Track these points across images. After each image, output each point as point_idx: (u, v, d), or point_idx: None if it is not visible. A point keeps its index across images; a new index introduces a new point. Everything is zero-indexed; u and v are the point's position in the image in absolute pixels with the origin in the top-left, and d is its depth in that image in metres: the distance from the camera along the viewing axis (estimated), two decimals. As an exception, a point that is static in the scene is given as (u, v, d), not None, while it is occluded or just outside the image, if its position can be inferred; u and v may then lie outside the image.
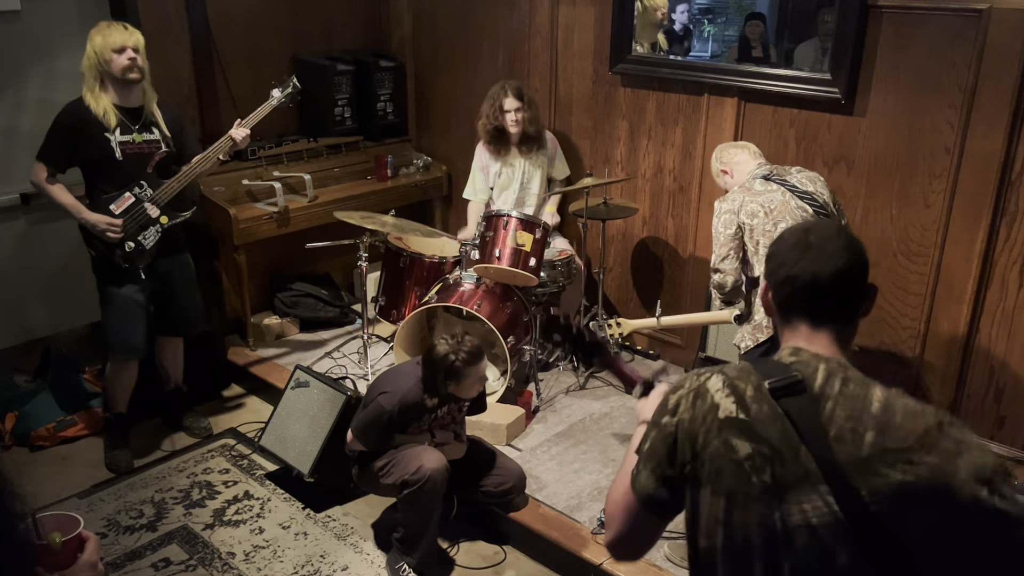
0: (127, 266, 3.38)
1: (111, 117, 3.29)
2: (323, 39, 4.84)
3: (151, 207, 3.38)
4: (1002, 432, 3.40)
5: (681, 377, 1.44)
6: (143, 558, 3.10)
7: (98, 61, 3.23)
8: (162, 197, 3.40)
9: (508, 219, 3.75)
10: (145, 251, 3.40)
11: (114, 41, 3.21)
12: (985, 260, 3.26)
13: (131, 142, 3.35)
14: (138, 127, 3.36)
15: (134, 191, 3.36)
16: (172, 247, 3.55)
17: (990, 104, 3.11)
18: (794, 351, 1.36)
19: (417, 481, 2.83)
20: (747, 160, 3.01)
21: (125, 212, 3.34)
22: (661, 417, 1.39)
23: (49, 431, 3.75)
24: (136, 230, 3.37)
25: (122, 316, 3.47)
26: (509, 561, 3.15)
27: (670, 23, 4.05)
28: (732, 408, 1.31)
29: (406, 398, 2.90)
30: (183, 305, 3.67)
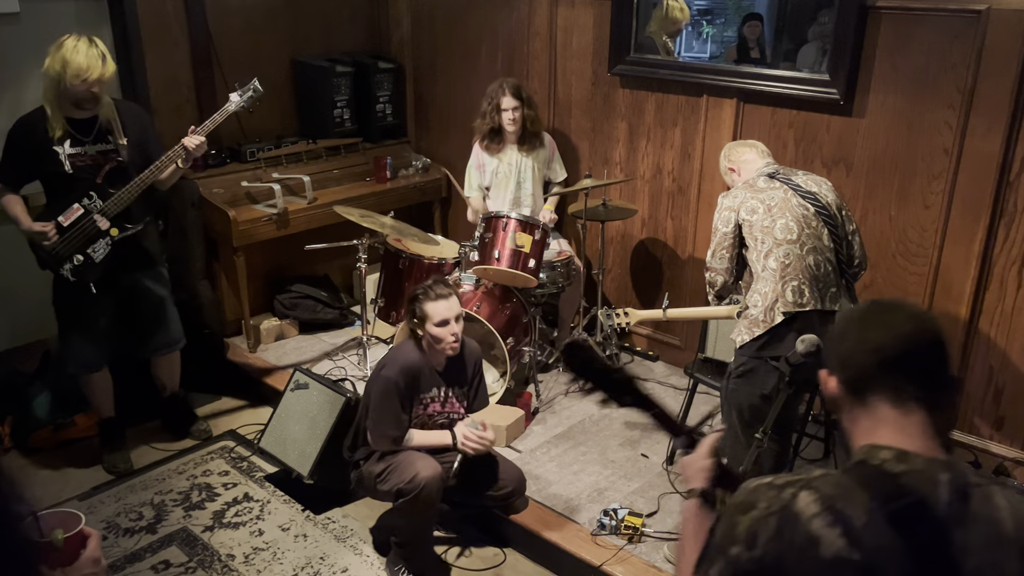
0: (75, 279, 3.26)
1: (59, 130, 3.17)
2: (322, 41, 4.84)
3: (100, 219, 3.23)
4: (1001, 432, 3.40)
5: (748, 486, 1.16)
6: (143, 560, 3.10)
7: (58, 78, 3.08)
8: (112, 208, 3.24)
9: (507, 220, 3.75)
10: (94, 264, 3.26)
11: (80, 72, 3.06)
12: (984, 261, 3.27)
13: (82, 154, 3.23)
14: (91, 138, 3.24)
15: (83, 202, 3.22)
16: (134, 261, 3.42)
17: (989, 105, 3.11)
18: (900, 455, 1.10)
19: (412, 490, 2.82)
20: (755, 159, 3.01)
21: (73, 224, 3.22)
22: (730, 545, 1.10)
23: (48, 433, 3.75)
24: (84, 243, 3.24)
25: (74, 333, 3.41)
26: (509, 563, 3.15)
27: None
28: (840, 544, 1.03)
29: (405, 361, 2.92)
30: (151, 325, 3.57)
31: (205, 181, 4.24)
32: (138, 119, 3.40)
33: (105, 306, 3.40)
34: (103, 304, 3.39)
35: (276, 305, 4.65)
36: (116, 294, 3.43)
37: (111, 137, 3.28)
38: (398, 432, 2.95)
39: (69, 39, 3.09)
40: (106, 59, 3.12)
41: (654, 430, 3.71)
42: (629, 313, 3.54)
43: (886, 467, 1.10)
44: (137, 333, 3.58)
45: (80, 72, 3.06)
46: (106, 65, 3.11)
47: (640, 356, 4.43)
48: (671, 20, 4.04)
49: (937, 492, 1.07)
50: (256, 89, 3.47)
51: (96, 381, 3.59)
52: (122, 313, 3.49)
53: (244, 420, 4.04)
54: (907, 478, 1.08)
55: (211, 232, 4.28)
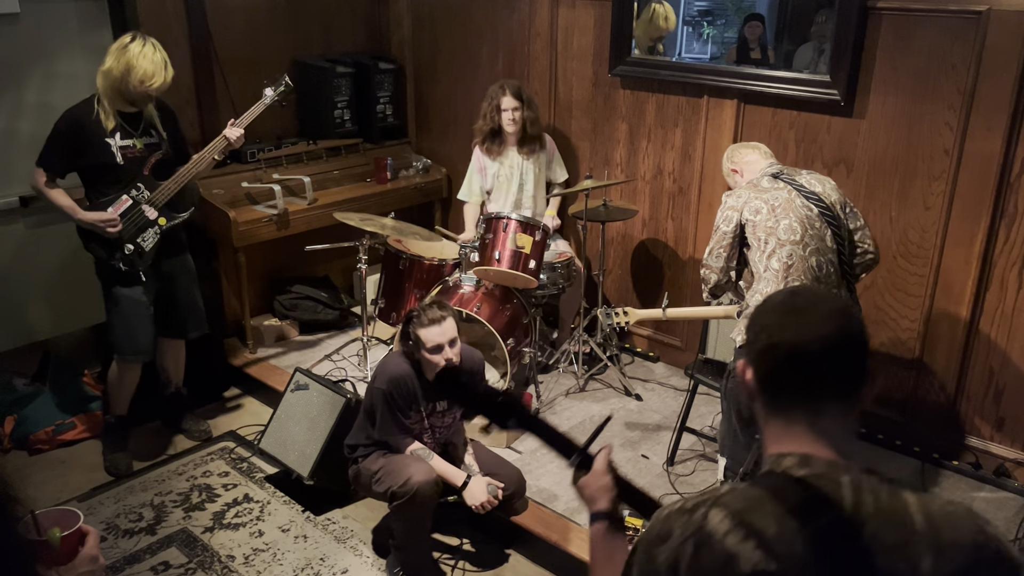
0: (127, 269, 3.39)
1: (111, 122, 3.29)
2: (323, 41, 4.84)
3: (149, 209, 3.39)
4: (1002, 433, 3.40)
5: (658, 517, 1.13)
6: (142, 561, 3.09)
7: (121, 78, 3.22)
8: (159, 199, 3.40)
9: (508, 221, 3.75)
10: (145, 253, 3.41)
11: (145, 78, 3.20)
12: (984, 261, 3.27)
13: (131, 147, 3.36)
14: (139, 132, 3.37)
15: (131, 194, 3.36)
16: (174, 248, 3.56)
17: (989, 106, 3.11)
18: (802, 460, 1.10)
19: (405, 493, 2.82)
20: (758, 160, 3.01)
21: (123, 215, 3.35)
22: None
23: (48, 434, 3.75)
24: (135, 232, 3.38)
25: (127, 319, 3.47)
26: (510, 564, 3.15)
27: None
28: (756, 557, 1.03)
29: (394, 374, 2.89)
30: (186, 306, 3.68)
31: (205, 182, 4.22)
32: (171, 115, 3.54)
33: (152, 293, 3.51)
34: (150, 291, 3.50)
35: (276, 306, 4.65)
36: (160, 281, 3.54)
37: (154, 131, 3.41)
38: (407, 435, 2.96)
39: (134, 43, 3.21)
40: (168, 66, 3.27)
41: (655, 431, 3.72)
42: (628, 312, 3.54)
43: (789, 472, 1.10)
44: (172, 316, 3.66)
45: (146, 78, 3.21)
46: (167, 72, 3.26)
47: (640, 357, 4.43)
48: (655, 27, 4.05)
49: (841, 493, 1.07)
50: (288, 84, 3.70)
51: (133, 374, 3.64)
52: (160, 299, 3.57)
53: (244, 421, 4.04)
54: (811, 481, 1.08)
55: (211, 233, 4.28)
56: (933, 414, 3.53)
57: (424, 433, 3.04)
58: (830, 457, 1.11)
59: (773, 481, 1.10)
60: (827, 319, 1.13)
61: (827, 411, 1.13)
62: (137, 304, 3.46)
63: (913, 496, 1.10)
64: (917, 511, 1.07)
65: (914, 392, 3.56)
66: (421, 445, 2.98)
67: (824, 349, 1.11)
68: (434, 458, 2.97)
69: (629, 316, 3.54)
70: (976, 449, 3.45)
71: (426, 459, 2.94)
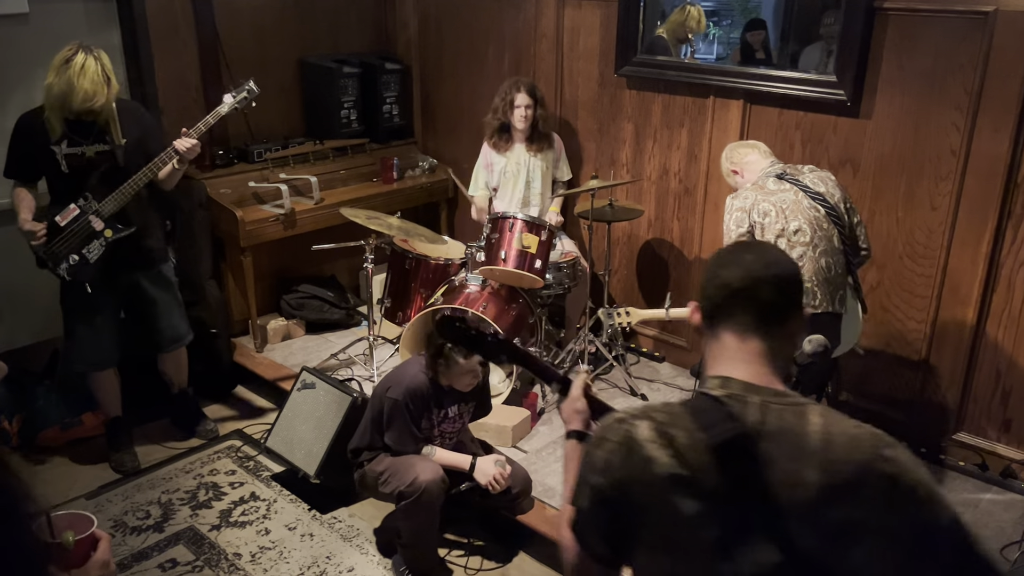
0: (70, 279, 3.29)
1: (57, 130, 3.19)
2: (329, 42, 4.85)
3: (95, 219, 3.25)
4: (1008, 434, 3.39)
5: (601, 424, 1.32)
6: (150, 559, 3.11)
7: (63, 97, 3.10)
8: (105, 209, 3.25)
9: (514, 221, 3.76)
10: (89, 264, 3.28)
11: (86, 99, 3.09)
12: (991, 262, 3.26)
13: (79, 155, 3.24)
14: (90, 140, 3.24)
15: (79, 203, 3.23)
16: (137, 261, 3.44)
17: (996, 106, 3.10)
18: (723, 381, 1.26)
19: (412, 493, 2.83)
20: (758, 159, 3.01)
21: (69, 224, 3.24)
22: (591, 475, 1.28)
23: (56, 432, 3.76)
24: (79, 243, 3.26)
25: (78, 331, 3.44)
26: (515, 563, 3.15)
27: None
28: (670, 462, 1.20)
29: (411, 384, 2.90)
30: (156, 321, 3.57)
31: (212, 182, 4.25)
32: (138, 119, 3.40)
33: (106, 305, 3.43)
34: (104, 303, 3.41)
35: (283, 305, 4.66)
36: (118, 293, 3.46)
37: (108, 138, 3.28)
38: (418, 444, 2.97)
39: (76, 56, 3.08)
40: (110, 81, 3.14)
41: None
42: (631, 312, 3.54)
43: (710, 391, 1.25)
44: (142, 331, 3.60)
45: (86, 99, 3.10)
46: (110, 88, 3.14)
47: (646, 357, 4.43)
48: (687, 27, 4.04)
49: (746, 411, 1.21)
50: (251, 90, 3.44)
51: (102, 380, 3.61)
52: (127, 312, 3.52)
53: (251, 419, 4.05)
54: (724, 400, 1.23)
55: (218, 232, 4.29)
56: (939, 415, 3.52)
57: (434, 441, 3.05)
58: (748, 379, 1.25)
59: (696, 399, 1.27)
60: (758, 259, 1.30)
61: (751, 338, 1.28)
62: (84, 316, 3.39)
63: (819, 417, 1.21)
64: (817, 430, 1.19)
65: (920, 393, 3.55)
66: (428, 445, 2.99)
67: (751, 282, 1.27)
68: (437, 451, 2.99)
69: (631, 316, 3.53)
70: (983, 450, 3.44)
71: (430, 455, 2.96)
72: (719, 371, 1.29)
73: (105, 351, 3.51)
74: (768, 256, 1.32)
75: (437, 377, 2.91)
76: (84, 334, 3.45)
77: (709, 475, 1.19)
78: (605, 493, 1.26)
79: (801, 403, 1.24)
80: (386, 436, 2.95)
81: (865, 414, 3.59)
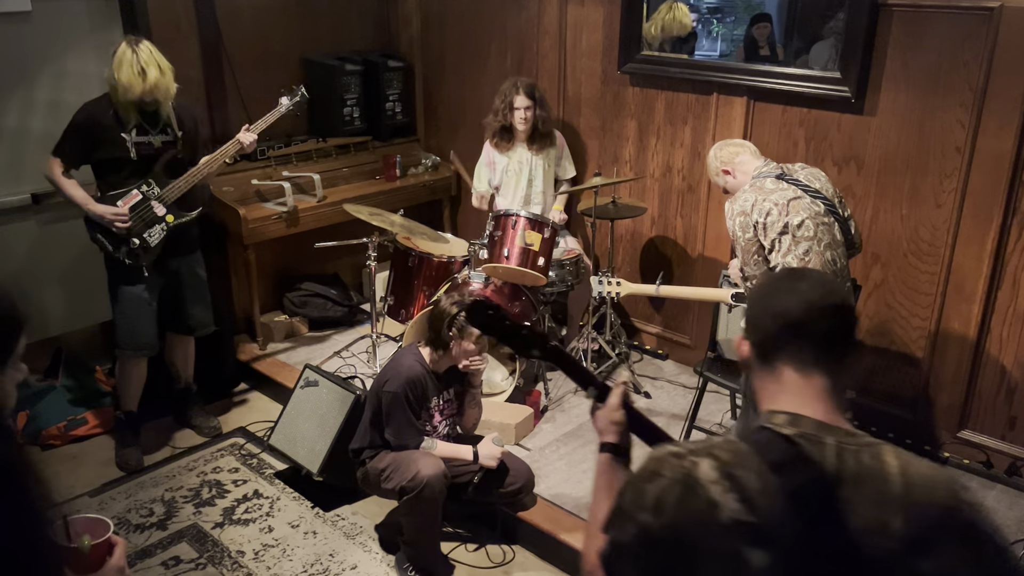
0: (131, 263, 3.41)
1: (131, 118, 3.33)
2: (332, 39, 4.85)
3: (158, 205, 3.41)
4: (1013, 432, 3.38)
5: (653, 455, 1.20)
6: (153, 556, 3.11)
7: (115, 89, 3.27)
8: (169, 196, 3.43)
9: (516, 218, 3.75)
10: (150, 248, 3.43)
11: (125, 90, 3.23)
12: (996, 260, 3.25)
13: (148, 143, 3.39)
14: (157, 129, 3.40)
15: (142, 189, 3.39)
16: (183, 247, 3.58)
17: (1001, 103, 3.09)
18: (792, 419, 1.17)
19: (414, 488, 2.83)
20: (750, 160, 2.99)
21: (132, 209, 3.37)
22: (638, 512, 1.14)
23: (60, 430, 3.77)
24: (142, 227, 3.40)
25: (129, 314, 3.50)
26: (517, 561, 3.15)
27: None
28: (737, 508, 1.08)
29: (409, 374, 2.93)
30: (192, 305, 3.69)
31: (216, 179, 4.23)
32: (190, 116, 3.56)
33: (154, 289, 3.52)
34: (154, 287, 3.51)
35: (286, 303, 4.66)
36: (164, 278, 3.56)
37: (170, 129, 3.43)
38: (419, 438, 2.98)
39: (120, 49, 3.24)
40: (145, 73, 3.23)
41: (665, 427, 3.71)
42: (621, 284, 3.52)
43: (776, 428, 1.16)
44: (178, 313, 3.68)
45: (125, 90, 3.24)
46: (146, 80, 3.23)
47: (649, 355, 4.43)
48: (681, 25, 4.02)
49: (824, 453, 1.12)
50: (303, 95, 3.78)
51: (137, 370, 3.66)
52: (166, 296, 3.60)
53: (254, 417, 4.05)
54: (797, 440, 1.14)
55: (222, 230, 4.29)
56: (944, 413, 3.51)
57: (434, 432, 3.06)
58: (818, 417, 1.17)
59: (762, 436, 1.16)
60: (814, 288, 1.23)
61: (815, 374, 1.20)
62: (139, 299, 3.48)
63: (895, 459, 1.14)
64: (896, 473, 1.12)
65: (925, 390, 3.54)
66: (428, 439, 3.00)
67: (810, 313, 1.20)
68: (438, 445, 3.00)
69: (621, 288, 3.51)
70: (987, 448, 3.43)
71: (431, 449, 2.96)
72: (782, 407, 1.20)
73: (153, 336, 3.59)
74: (824, 285, 1.25)
75: (445, 351, 2.95)
76: (136, 318, 3.51)
77: (783, 524, 1.08)
78: (654, 534, 1.13)
79: (874, 443, 1.16)
80: (386, 431, 2.95)
81: (870, 411, 3.60)
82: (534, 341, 1.49)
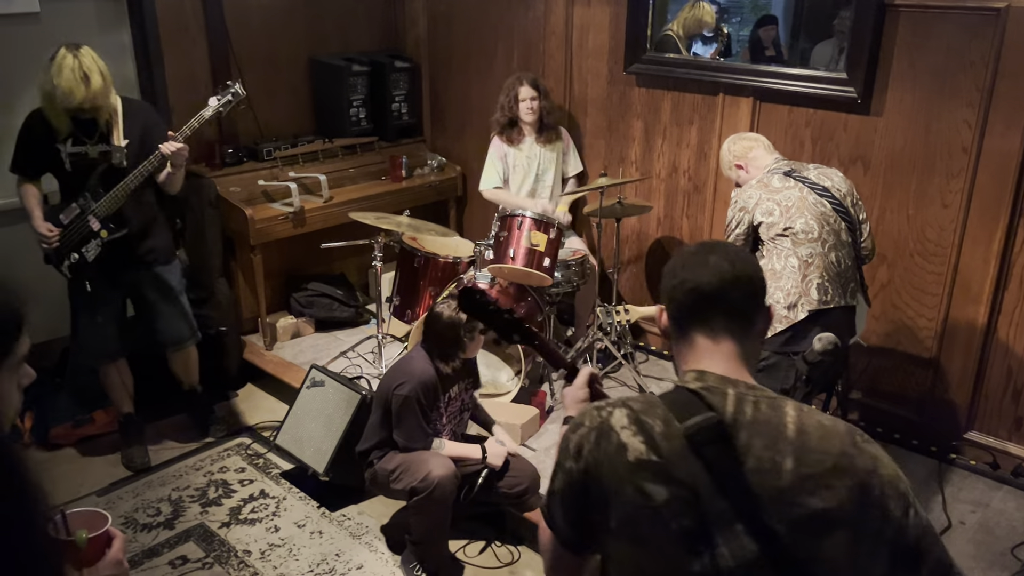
0: (71, 277, 3.37)
1: (63, 129, 3.22)
2: (339, 40, 4.86)
3: (92, 219, 3.29)
4: (1020, 433, 3.38)
5: (581, 410, 1.34)
6: (160, 555, 3.12)
7: (50, 96, 3.14)
8: (102, 210, 3.28)
9: (522, 219, 3.76)
10: (87, 263, 3.34)
11: (64, 97, 3.09)
12: (1003, 260, 3.24)
13: (83, 154, 3.27)
14: (94, 139, 3.27)
15: (79, 202, 3.29)
16: (138, 260, 3.46)
17: (1008, 103, 3.08)
18: (699, 375, 1.28)
19: (425, 488, 2.84)
20: (763, 155, 2.99)
21: (71, 223, 3.30)
22: (565, 459, 1.29)
23: (67, 430, 3.79)
24: (79, 242, 3.32)
25: (79, 326, 3.52)
26: (524, 561, 3.15)
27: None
28: (642, 448, 1.21)
29: (422, 377, 2.92)
30: (156, 322, 3.60)
31: (222, 180, 4.26)
32: (142, 120, 3.38)
33: (109, 300, 3.48)
34: (106, 299, 3.47)
35: (292, 303, 4.67)
36: (121, 289, 3.52)
37: (110, 139, 3.30)
38: (428, 440, 2.99)
39: (57, 56, 3.10)
40: (89, 79, 3.10)
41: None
42: (629, 310, 3.54)
43: (685, 383, 1.28)
44: (147, 330, 3.64)
45: (64, 97, 3.11)
46: (89, 86, 3.10)
47: (655, 355, 4.43)
48: (702, 22, 4.02)
49: (724, 403, 1.23)
50: (236, 93, 3.37)
51: (110, 375, 3.65)
52: (135, 308, 3.57)
53: (260, 417, 4.06)
54: (701, 393, 1.24)
55: (228, 231, 4.31)
56: (950, 414, 3.50)
57: (444, 429, 3.07)
58: (723, 372, 1.28)
59: (673, 391, 1.29)
60: (724, 261, 1.31)
61: (723, 337, 1.31)
62: (86, 312, 3.45)
63: (794, 410, 1.24)
64: (792, 421, 1.22)
65: (931, 391, 3.54)
66: (436, 439, 3.01)
67: (719, 283, 1.30)
68: (446, 445, 3.01)
69: (630, 314, 3.54)
70: (994, 449, 3.42)
71: (439, 449, 2.97)
72: (691, 367, 1.32)
73: (108, 345, 3.54)
74: (733, 257, 1.33)
75: (463, 352, 2.97)
76: (87, 328, 3.50)
77: (682, 463, 1.19)
78: (575, 476, 1.27)
79: (775, 396, 1.26)
80: (395, 433, 2.96)
81: (876, 412, 3.60)
82: (513, 326, 1.61)
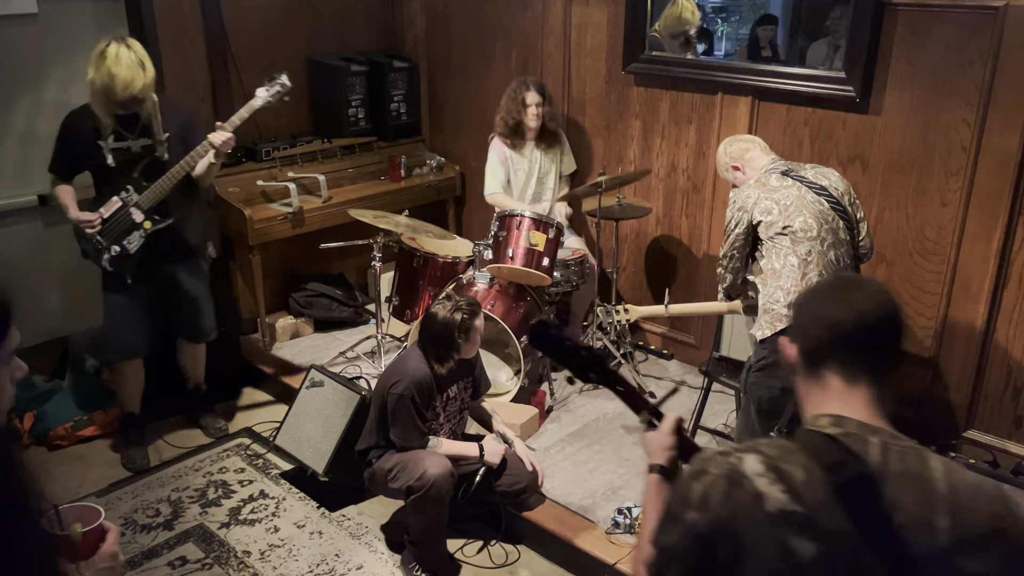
0: (112, 270, 3.39)
1: (107, 125, 3.27)
2: (337, 40, 4.86)
3: (135, 212, 3.33)
4: (1019, 432, 3.37)
5: (700, 456, 1.24)
6: (160, 556, 3.12)
7: (107, 89, 3.17)
8: (145, 202, 3.33)
9: (521, 219, 3.76)
10: (130, 255, 3.37)
11: (126, 86, 3.15)
12: (1002, 259, 3.24)
13: (125, 149, 3.32)
14: (135, 134, 3.33)
15: (121, 195, 3.34)
16: (176, 253, 3.51)
17: (1007, 101, 3.08)
18: (836, 420, 1.18)
19: (421, 487, 2.84)
20: (760, 156, 3.00)
21: (112, 216, 3.34)
22: (683, 511, 1.16)
23: (66, 430, 3.78)
24: (121, 235, 3.35)
25: (113, 319, 3.52)
26: (523, 560, 3.15)
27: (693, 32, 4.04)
28: (783, 499, 1.10)
29: (416, 376, 2.92)
30: (190, 313, 3.64)
31: (221, 180, 4.26)
32: (179, 115, 3.46)
33: (143, 296, 3.50)
34: (141, 294, 3.49)
35: (291, 303, 4.67)
36: (154, 284, 3.52)
37: (151, 132, 3.37)
38: (424, 439, 2.99)
39: (110, 48, 3.16)
40: (145, 65, 3.20)
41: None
42: (629, 310, 3.54)
43: (821, 429, 1.18)
44: (177, 320, 3.67)
45: (127, 86, 3.16)
46: (146, 72, 3.20)
47: (654, 355, 4.43)
48: (682, 20, 4.02)
49: (868, 451, 1.14)
50: (284, 84, 3.47)
51: (128, 372, 3.66)
52: (161, 303, 3.58)
53: (260, 418, 4.06)
54: (841, 438, 1.15)
55: (227, 231, 4.31)
56: (950, 412, 3.50)
57: (440, 429, 3.07)
58: (862, 419, 1.18)
59: (807, 436, 1.18)
60: (868, 298, 1.23)
61: (861, 380, 1.21)
62: (123, 306, 3.47)
63: (940, 464, 1.15)
64: (941, 476, 1.13)
65: (931, 390, 3.54)
66: (433, 438, 3.01)
67: (862, 323, 1.21)
68: (443, 443, 3.01)
69: (630, 313, 3.54)
70: (993, 448, 3.42)
71: (436, 448, 2.97)
72: (826, 411, 1.21)
73: (137, 341, 3.57)
74: (876, 295, 1.25)
75: (458, 352, 2.96)
76: (120, 323, 3.51)
77: (830, 516, 1.09)
78: (700, 530, 1.13)
79: (918, 448, 1.17)
80: (391, 432, 2.96)
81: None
82: (592, 364, 1.47)
